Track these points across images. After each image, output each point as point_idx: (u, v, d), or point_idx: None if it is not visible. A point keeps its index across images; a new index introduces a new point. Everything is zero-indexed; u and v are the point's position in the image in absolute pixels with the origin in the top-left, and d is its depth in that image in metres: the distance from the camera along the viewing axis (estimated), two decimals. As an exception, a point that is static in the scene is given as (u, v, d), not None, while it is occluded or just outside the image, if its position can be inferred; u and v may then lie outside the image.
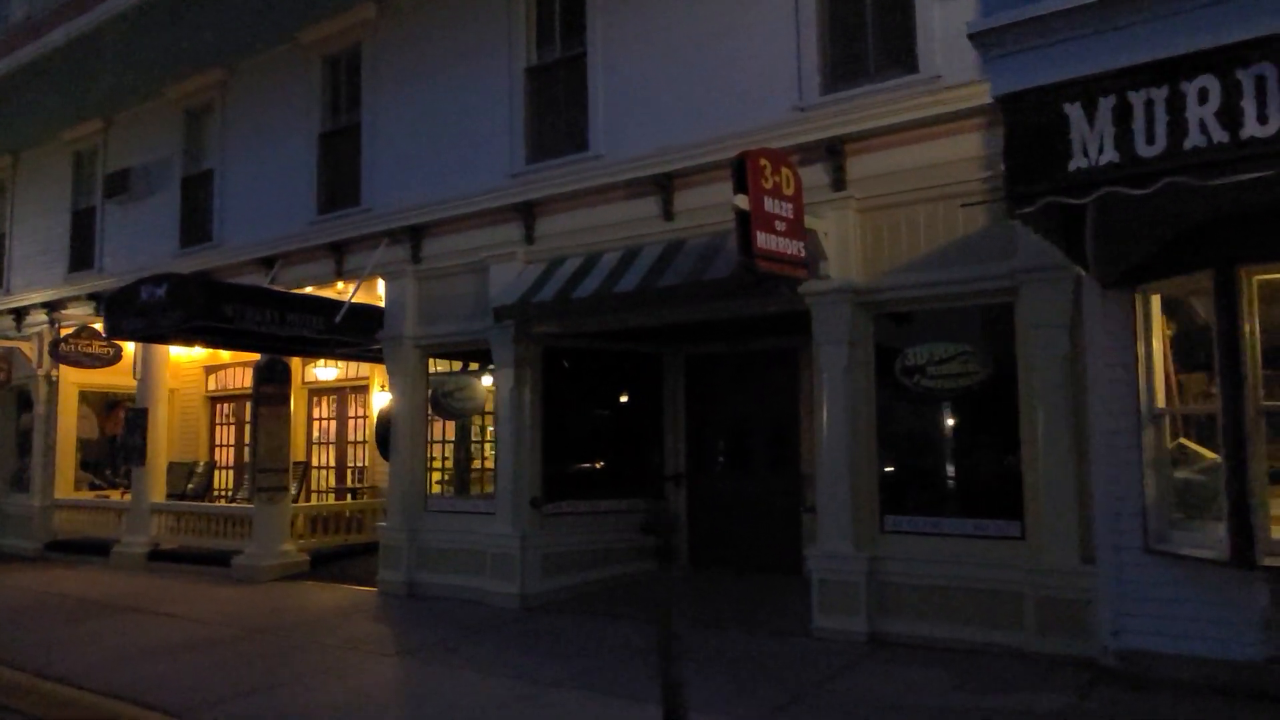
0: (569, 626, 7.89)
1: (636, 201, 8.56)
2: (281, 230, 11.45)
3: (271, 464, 11.23)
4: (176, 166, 13.09)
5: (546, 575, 9.01)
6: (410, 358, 10.02)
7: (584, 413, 9.63)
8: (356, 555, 12.01)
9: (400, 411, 9.99)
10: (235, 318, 8.70)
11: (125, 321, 9.25)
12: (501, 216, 9.46)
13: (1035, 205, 3.82)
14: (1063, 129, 3.81)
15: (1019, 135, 3.95)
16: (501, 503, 9.09)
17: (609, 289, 7.93)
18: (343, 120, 11.26)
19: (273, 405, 11.32)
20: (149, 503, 12.84)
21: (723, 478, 9.90)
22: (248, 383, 15.59)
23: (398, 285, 10.13)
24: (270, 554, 11.08)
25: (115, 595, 10.24)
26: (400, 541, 9.76)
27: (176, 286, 8.75)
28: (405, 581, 9.65)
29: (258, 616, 8.80)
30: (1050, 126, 3.83)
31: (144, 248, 13.31)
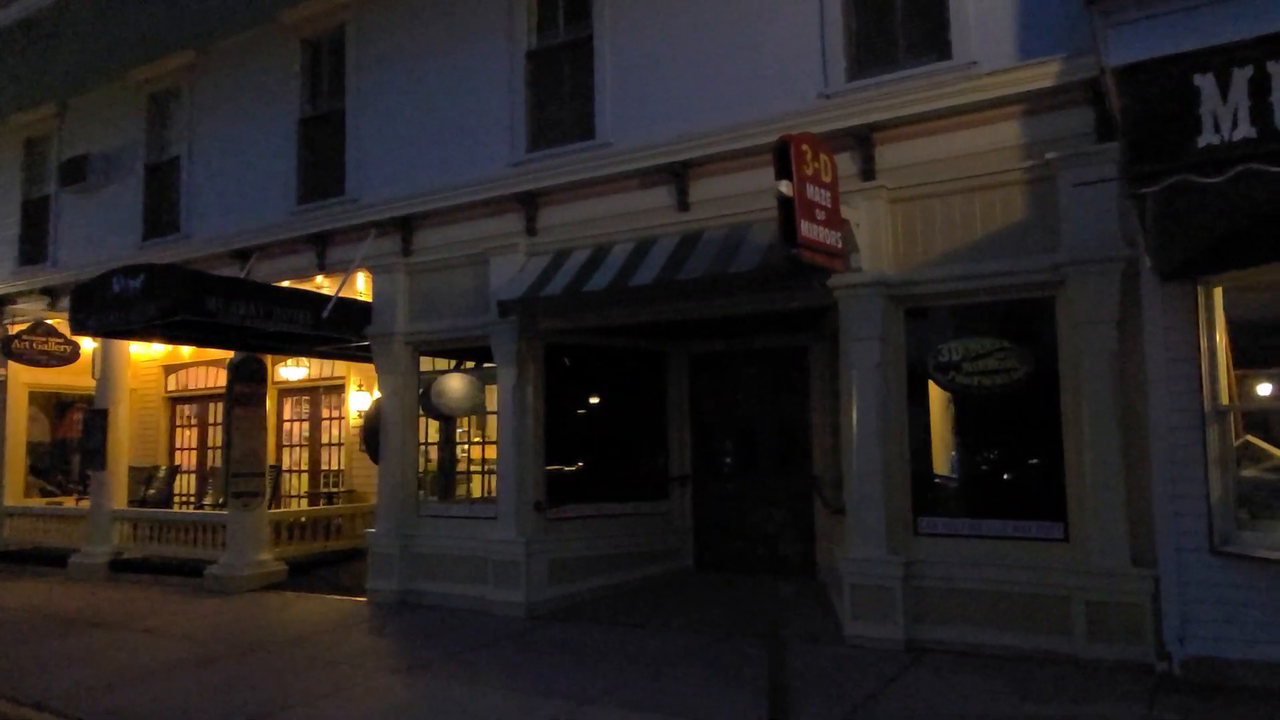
0: (583, 636, 7.50)
1: (648, 191, 8.21)
2: (257, 221, 10.85)
3: (247, 468, 10.62)
4: (139, 154, 12.36)
5: (552, 582, 8.61)
6: (401, 355, 9.52)
7: (587, 412, 9.25)
8: (335, 563, 11.46)
9: (390, 412, 9.48)
10: (219, 312, 8.12)
11: (93, 317, 8.60)
12: (501, 207, 9.03)
13: (1160, 184, 3.57)
14: (1191, 102, 3.56)
15: (1140, 109, 3.68)
16: (504, 507, 8.66)
17: (624, 282, 7.56)
18: (324, 106, 10.70)
19: (248, 406, 10.72)
20: (110, 509, 12.10)
21: (730, 479, 9.60)
22: (210, 383, 14.95)
23: (387, 279, 9.62)
24: (247, 563, 10.48)
25: (82, 609, 9.56)
26: (391, 549, 9.27)
27: (155, 277, 8.14)
28: (398, 591, 9.16)
29: (246, 631, 8.24)
30: (1177, 100, 3.58)
31: (103, 240, 12.56)
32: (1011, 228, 6.57)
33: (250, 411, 10.73)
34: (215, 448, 14.93)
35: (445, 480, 9.73)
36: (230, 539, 10.65)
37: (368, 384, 12.71)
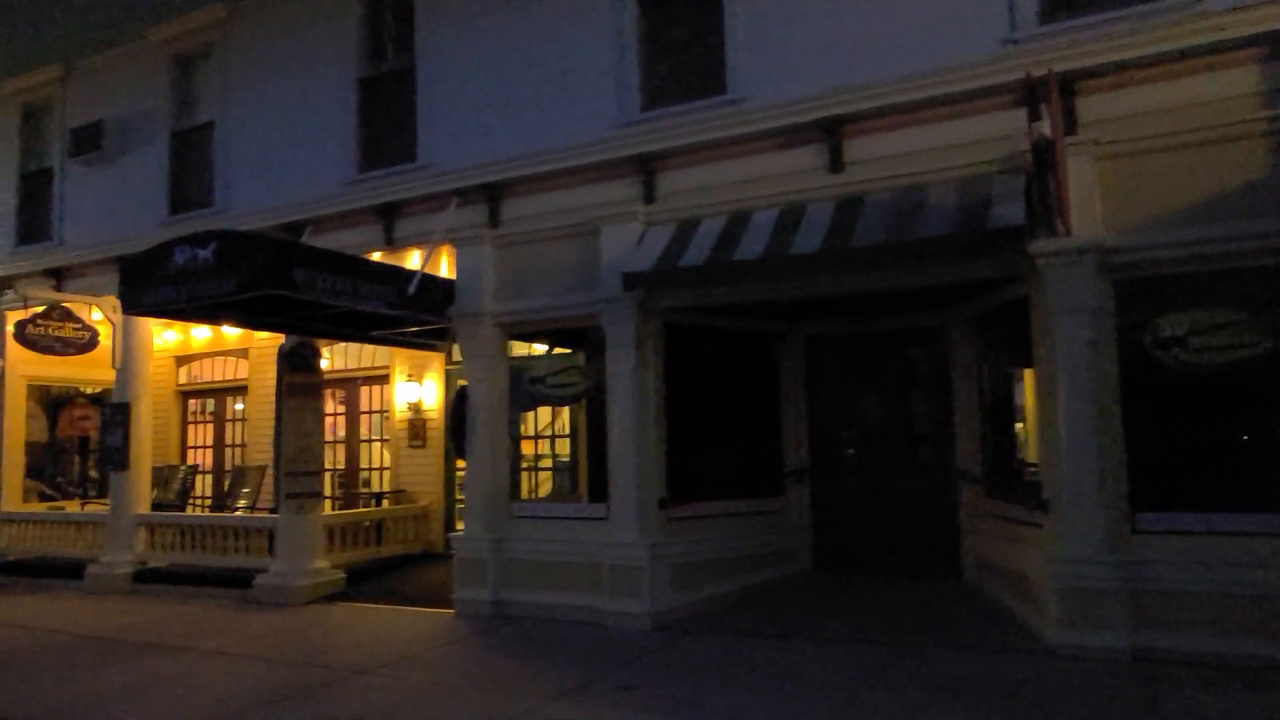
0: (731, 653, 6.61)
1: (791, 152, 7.36)
2: (309, 192, 9.76)
3: (301, 466, 9.54)
4: (163, 119, 11.17)
5: (676, 589, 7.71)
6: (489, 338, 8.53)
7: (702, 400, 8.34)
8: (391, 570, 10.44)
9: (479, 401, 8.48)
10: (305, 285, 7.07)
11: (149, 292, 7.47)
12: (610, 172, 8.10)
13: None
14: None
15: None
16: (620, 506, 7.73)
17: (782, 250, 6.69)
18: (389, 64, 9.65)
19: (302, 396, 9.62)
20: (133, 514, 10.89)
21: (853, 473, 8.76)
22: (226, 375, 13.77)
23: (473, 253, 8.62)
24: (302, 572, 9.40)
25: (122, 629, 8.42)
26: (482, 554, 8.28)
27: (231, 246, 7.05)
28: (491, 601, 8.18)
29: (331, 650, 7.21)
30: None
31: (120, 215, 11.34)
32: (1249, 186, 5.83)
33: (304, 403, 9.63)
34: (233, 445, 13.73)
35: (551, 477, 8.73)
36: (282, 545, 9.55)
37: (416, 374, 11.67)
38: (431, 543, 11.37)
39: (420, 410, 11.60)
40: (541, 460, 10.65)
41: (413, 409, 11.63)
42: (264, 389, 13.02)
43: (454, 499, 11.39)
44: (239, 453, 13.58)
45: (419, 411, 11.61)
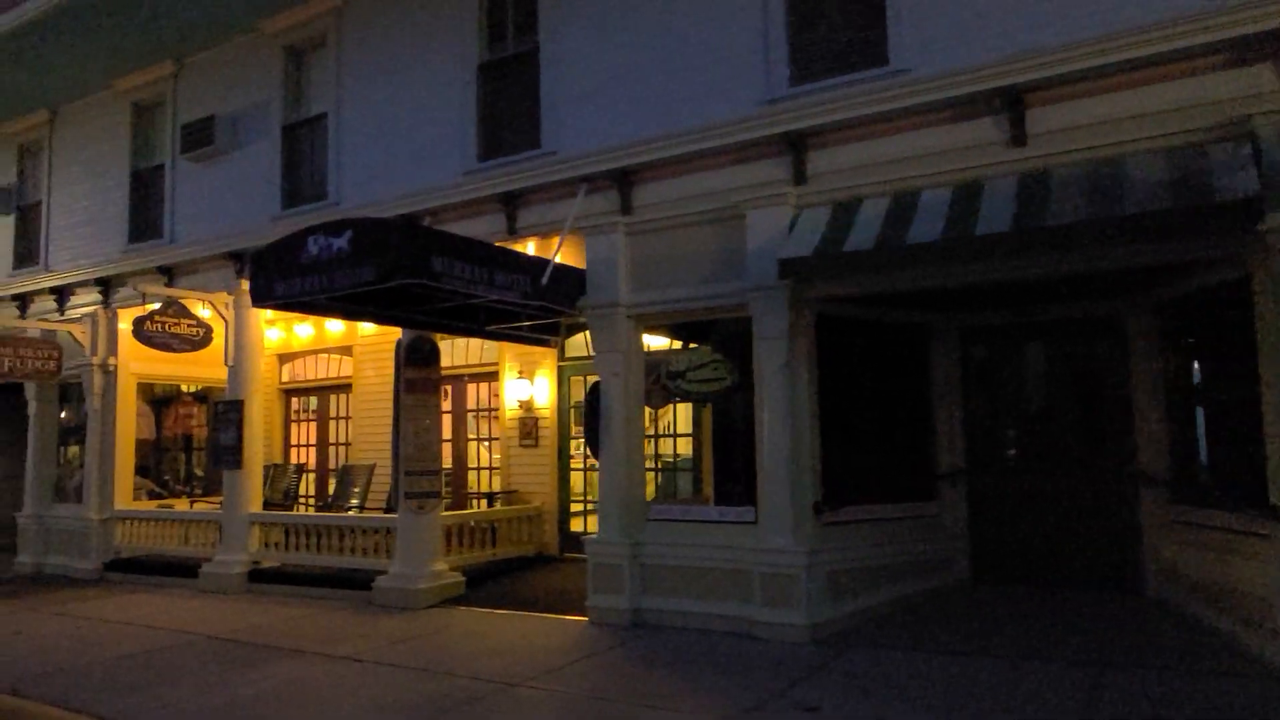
0: (904, 668, 6.04)
1: (966, 125, 6.75)
2: (427, 182, 9.45)
3: (421, 465, 9.24)
4: (275, 113, 11.00)
5: (832, 600, 7.17)
6: (623, 330, 8.10)
7: (852, 396, 7.79)
8: (506, 573, 10.10)
9: (612, 398, 8.06)
10: (444, 274, 6.72)
11: (282, 284, 7.21)
12: (755, 152, 7.59)
13: None
14: None
15: None
16: (772, 509, 7.22)
17: (966, 231, 6.10)
18: (510, 48, 9.29)
19: (421, 393, 9.32)
20: (246, 513, 10.74)
21: (1015, 475, 8.10)
22: (329, 373, 13.63)
23: (604, 242, 8.21)
24: (423, 574, 9.09)
25: (247, 631, 8.19)
26: (619, 559, 7.85)
27: (367, 234, 6.73)
28: (629, 609, 7.74)
29: (469, 659, 6.82)
30: None
31: (231, 211, 11.21)
32: None
33: (424, 400, 9.33)
34: (336, 444, 13.58)
35: (691, 478, 8.26)
36: (401, 546, 9.26)
37: (527, 370, 11.32)
38: (545, 545, 11.01)
39: (532, 408, 11.25)
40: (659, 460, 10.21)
41: (524, 407, 11.28)
42: (368, 387, 12.85)
43: (568, 500, 11.01)
44: (343, 451, 13.42)
45: (530, 409, 11.25)
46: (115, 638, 8.10)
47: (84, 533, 12.21)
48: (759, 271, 7.27)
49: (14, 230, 14.07)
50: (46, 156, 13.70)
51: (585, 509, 10.97)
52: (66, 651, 7.56)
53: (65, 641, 8.01)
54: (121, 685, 6.45)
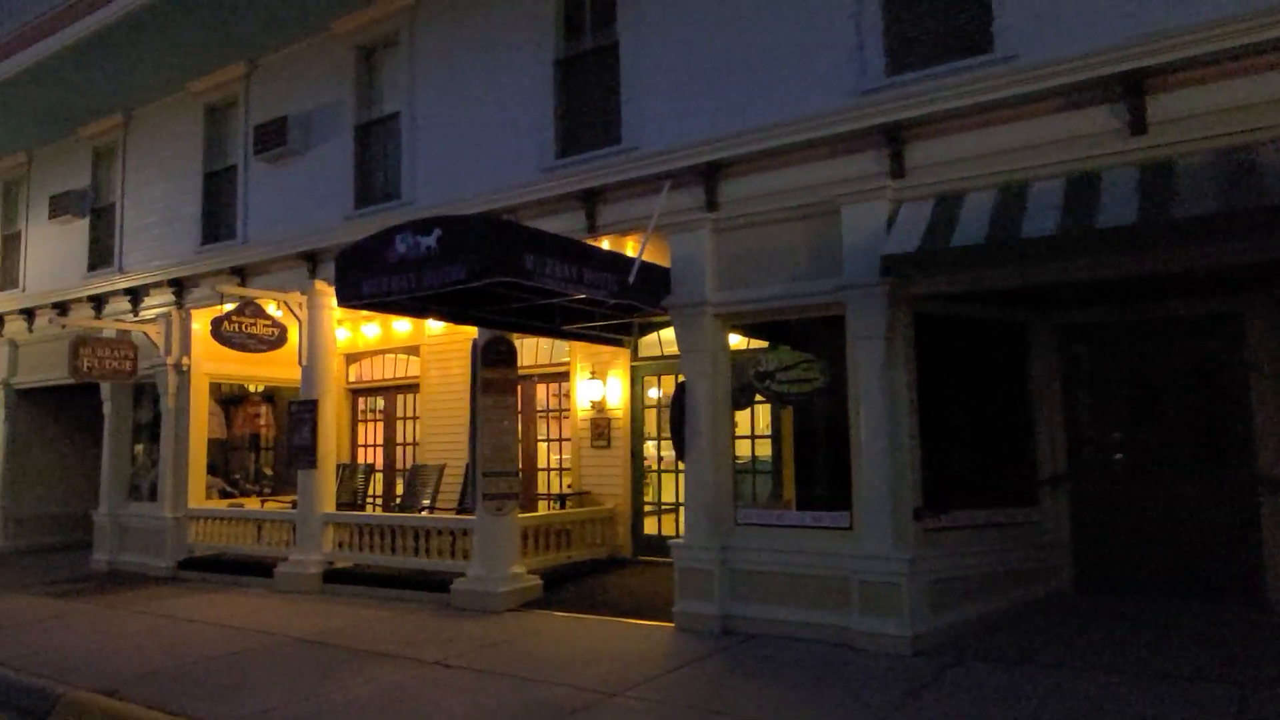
0: (1024, 684, 5.76)
1: (1080, 113, 6.44)
2: (503, 180, 9.34)
3: (498, 466, 9.13)
4: (348, 112, 10.98)
5: (934, 609, 6.90)
6: (709, 330, 7.91)
7: (949, 398, 7.52)
8: (581, 576, 9.96)
9: (699, 399, 7.87)
10: (536, 272, 6.58)
11: (368, 283, 7.12)
12: (850, 145, 7.34)
13: None
14: None
15: None
16: (870, 514, 6.97)
17: (1087, 224, 5.80)
18: (588, 42, 9.14)
19: (498, 394, 9.21)
20: (321, 513, 10.74)
21: (1122, 480, 7.76)
22: (396, 373, 13.63)
23: (689, 240, 8.02)
24: (502, 577, 8.98)
25: (327, 632, 8.14)
26: (707, 564, 7.65)
27: (456, 232, 6.62)
28: (718, 616, 7.54)
29: (561, 666, 6.67)
30: None
31: (304, 211, 11.22)
32: None
33: (501, 400, 9.23)
34: (404, 444, 13.57)
35: (780, 481, 8.04)
36: (479, 548, 9.17)
37: (600, 371, 11.17)
38: (618, 547, 10.86)
39: (604, 409, 11.10)
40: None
41: (595, 407, 11.14)
42: (436, 387, 12.82)
43: (642, 502, 10.84)
44: (409, 451, 13.41)
45: (602, 410, 11.11)
46: (201, 638, 8.10)
47: (159, 531, 12.33)
48: (855, 268, 7.04)
49: (89, 233, 14.27)
50: (120, 159, 13.88)
51: (659, 511, 10.79)
52: (157, 652, 7.56)
53: (153, 641, 8.03)
54: (218, 688, 6.41)
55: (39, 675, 6.82)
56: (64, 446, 15.97)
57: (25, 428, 15.49)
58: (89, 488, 16.00)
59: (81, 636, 8.33)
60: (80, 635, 8.39)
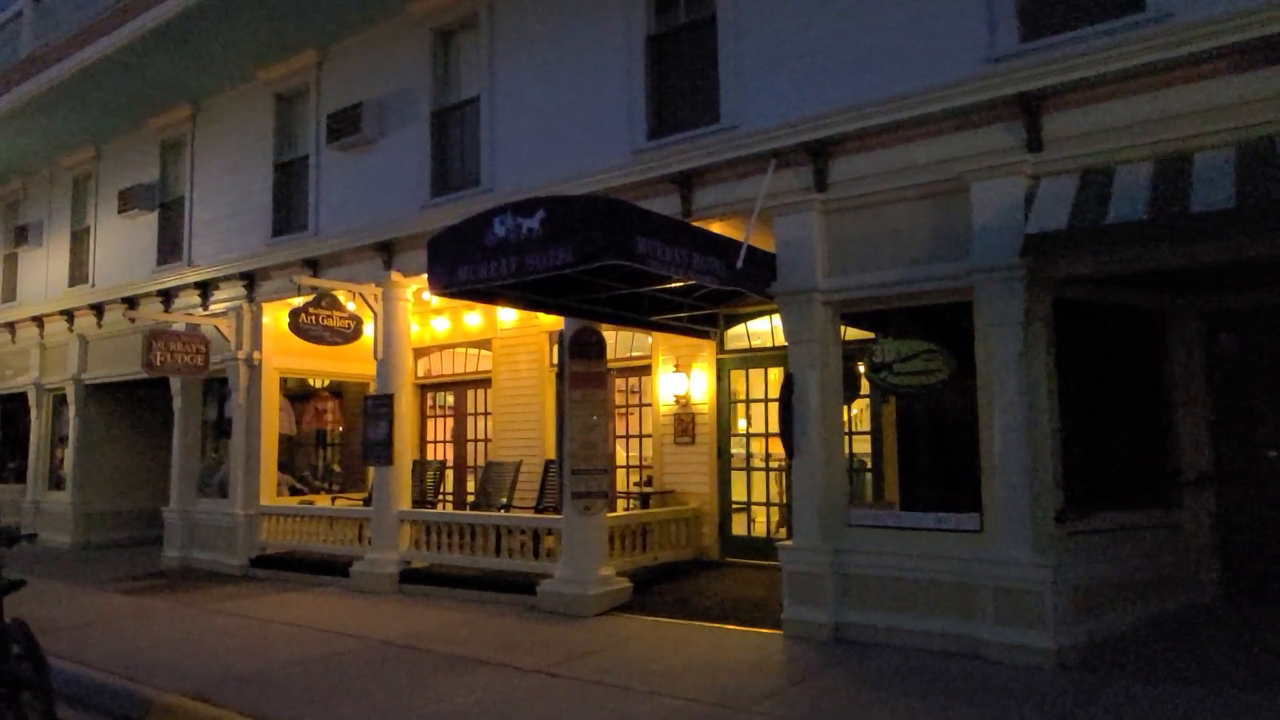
0: (1192, 703, 5.19)
1: (1248, 76, 5.84)
2: (591, 163, 8.92)
3: (587, 463, 8.71)
4: (424, 98, 10.65)
5: (1076, 620, 6.34)
6: (819, 318, 7.41)
7: (1085, 391, 6.94)
8: (668, 578, 9.51)
9: (809, 392, 7.38)
10: (647, 255, 6.15)
11: (464, 269, 6.74)
12: (979, 118, 6.81)
13: None
14: None
15: None
16: (1005, 516, 6.43)
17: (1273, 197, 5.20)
18: (682, 16, 8.70)
19: (587, 388, 8.80)
20: (397, 510, 10.43)
21: (1276, 480, 7.11)
22: (466, 367, 13.35)
23: (796, 223, 7.54)
24: (591, 579, 8.57)
25: (413, 635, 7.78)
26: (819, 568, 7.16)
27: (562, 213, 6.21)
28: (831, 624, 7.05)
29: (670, 677, 6.21)
30: None
31: (379, 200, 10.93)
32: None
33: (590, 395, 8.81)
34: (474, 440, 13.24)
35: (901, 479, 7.52)
36: (567, 549, 8.76)
37: (683, 364, 10.71)
38: (704, 548, 10.40)
39: (688, 404, 10.65)
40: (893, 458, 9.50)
41: (679, 402, 10.69)
42: (509, 381, 12.48)
43: (729, 501, 10.36)
44: (481, 448, 13.09)
45: (686, 405, 10.65)
46: (286, 640, 7.80)
47: (230, 528, 12.14)
48: (986, 250, 6.50)
49: (157, 226, 14.16)
50: (189, 151, 13.74)
51: (749, 512, 10.31)
52: (242, 654, 7.26)
53: (237, 643, 7.75)
54: (312, 695, 6.07)
55: (127, 677, 6.55)
56: (131, 442, 15.91)
57: (95, 423, 15.46)
58: (156, 484, 15.93)
59: (163, 637, 8.08)
60: (162, 635, 8.14)
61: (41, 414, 16.34)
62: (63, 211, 16.33)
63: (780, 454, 10.07)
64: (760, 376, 10.27)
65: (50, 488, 16.20)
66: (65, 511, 15.32)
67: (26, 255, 17.00)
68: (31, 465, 16.42)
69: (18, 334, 17.11)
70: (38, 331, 16.47)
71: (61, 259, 16.16)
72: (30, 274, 16.96)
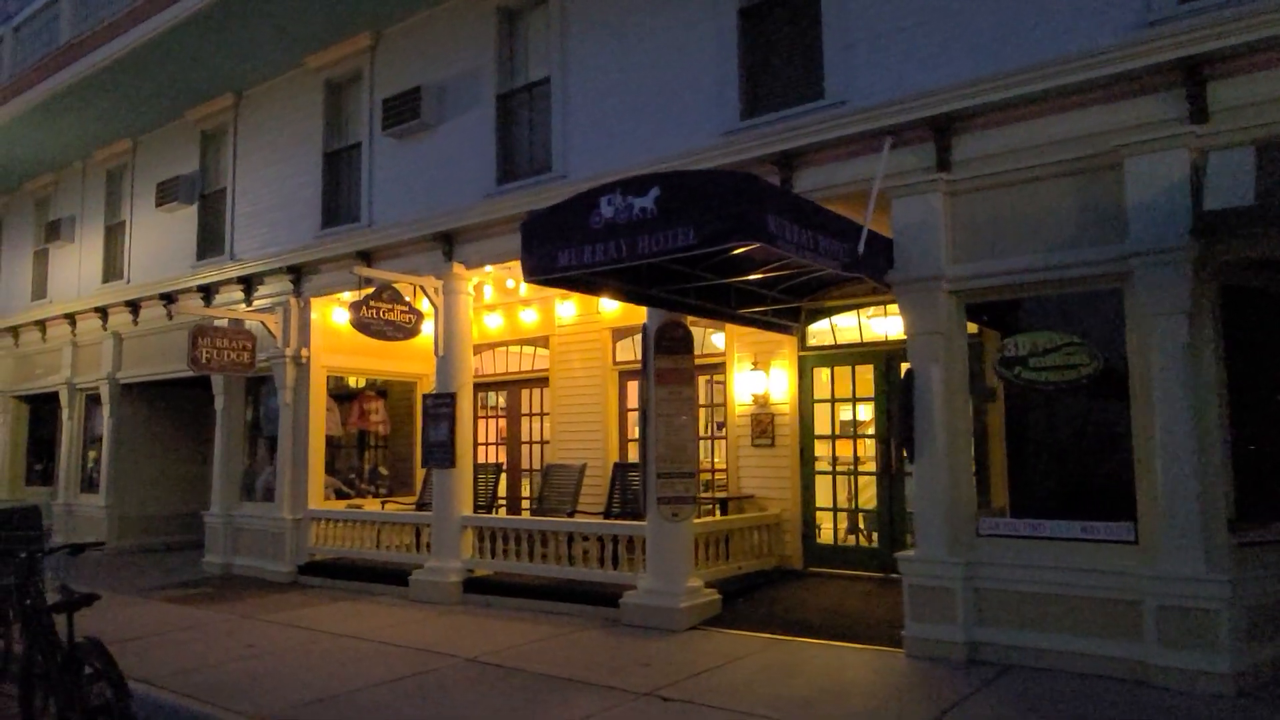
0: None
1: None
2: (676, 146, 8.35)
3: (674, 466, 8.12)
4: (487, 81, 10.10)
5: (1255, 641, 5.71)
6: (944, 308, 6.81)
7: (1256, 386, 6.30)
8: (753, 589, 8.91)
9: (932, 389, 6.77)
10: (778, 237, 5.57)
11: (566, 253, 6.15)
12: (1131, 87, 6.20)
13: None
14: None
15: None
16: (1169, 526, 5.80)
17: None
18: (779, -14, 8.12)
19: (673, 384, 8.21)
20: (459, 516, 9.85)
21: None
22: (520, 366, 12.78)
23: (916, 205, 6.93)
24: (680, 591, 7.97)
25: (506, 654, 7.20)
26: (947, 581, 6.55)
27: (684, 190, 5.62)
28: (963, 643, 6.43)
29: (802, 704, 5.62)
30: None
31: (439, 189, 10.37)
32: None
33: (677, 392, 8.22)
34: (529, 442, 12.67)
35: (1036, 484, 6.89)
36: (652, 558, 8.17)
37: (762, 361, 10.11)
38: (786, 557, 9.78)
39: (766, 404, 10.04)
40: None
41: (757, 402, 10.09)
42: (569, 380, 11.93)
43: (813, 507, 9.75)
44: (537, 450, 12.51)
45: (765, 405, 10.05)
46: (359, 657, 7.22)
47: (277, 534, 11.59)
48: (1146, 230, 5.89)
49: (197, 220, 13.65)
50: (231, 142, 13.22)
51: (835, 518, 9.70)
52: (319, 674, 6.69)
53: (307, 660, 7.18)
54: (409, 722, 5.50)
55: (200, 699, 5.98)
56: (167, 444, 15.40)
57: (130, 424, 14.94)
58: (191, 487, 15.45)
59: (226, 652, 7.51)
60: (224, 650, 7.58)
61: (74, 414, 15.83)
62: (96, 206, 15.84)
63: (870, 457, 9.52)
64: (846, 374, 9.67)
65: (82, 490, 15.68)
66: (99, 515, 14.79)
67: (58, 251, 16.51)
68: (63, 467, 15.91)
69: (49, 332, 16.62)
70: (70, 329, 15.97)
71: (95, 255, 15.66)
72: (62, 271, 16.47)
